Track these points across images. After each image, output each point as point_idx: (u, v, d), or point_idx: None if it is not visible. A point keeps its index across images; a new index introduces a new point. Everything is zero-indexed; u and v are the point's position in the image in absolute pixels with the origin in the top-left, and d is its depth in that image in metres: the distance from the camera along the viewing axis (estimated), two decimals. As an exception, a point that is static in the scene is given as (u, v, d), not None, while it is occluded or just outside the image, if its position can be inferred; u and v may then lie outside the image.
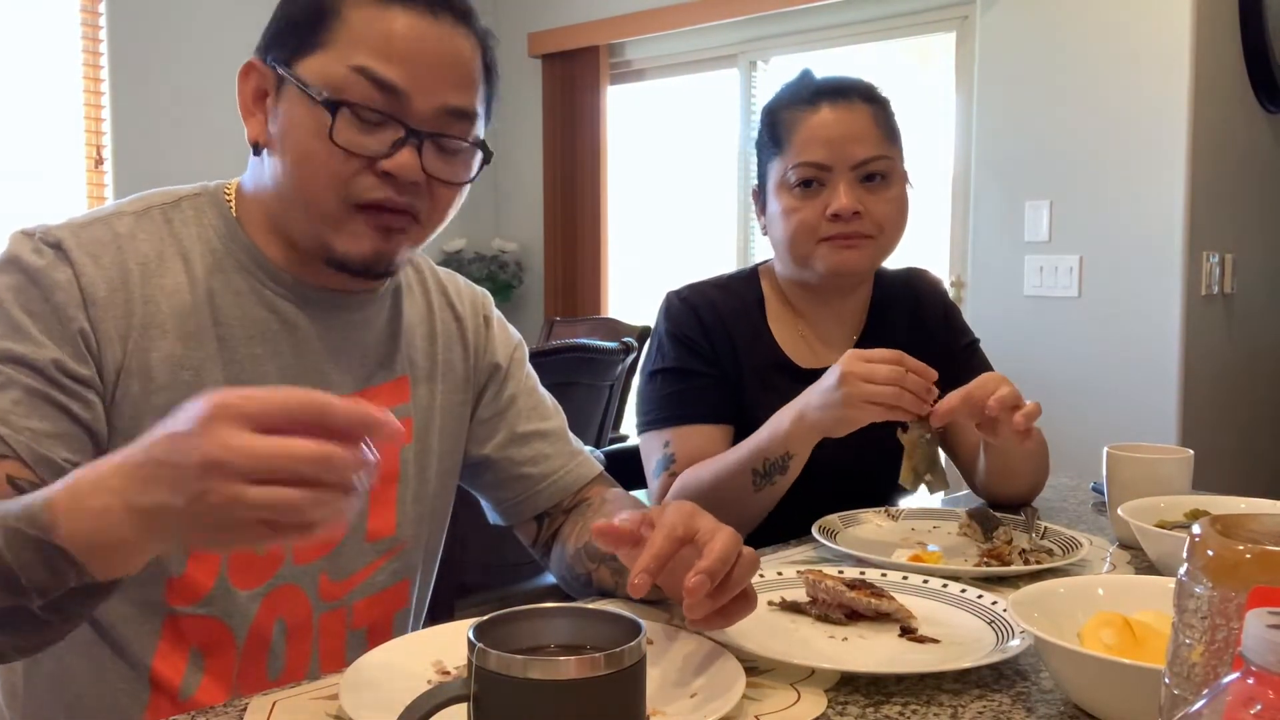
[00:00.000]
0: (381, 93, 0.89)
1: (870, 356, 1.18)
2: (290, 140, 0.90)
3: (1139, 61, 2.95)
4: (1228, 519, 0.57)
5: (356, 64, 0.88)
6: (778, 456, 1.27)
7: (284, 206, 0.94)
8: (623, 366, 2.72)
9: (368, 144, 0.89)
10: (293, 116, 0.90)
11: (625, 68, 4.52)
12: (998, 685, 0.83)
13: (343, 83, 0.88)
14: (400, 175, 0.90)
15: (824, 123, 1.38)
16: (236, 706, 0.77)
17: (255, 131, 0.94)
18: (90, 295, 0.87)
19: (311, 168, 0.90)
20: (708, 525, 0.82)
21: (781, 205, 1.41)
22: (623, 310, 4.47)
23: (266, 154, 0.93)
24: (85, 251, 0.88)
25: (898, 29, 3.71)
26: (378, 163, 0.89)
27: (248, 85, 0.94)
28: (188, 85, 3.95)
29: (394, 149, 0.89)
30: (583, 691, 0.57)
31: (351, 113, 0.88)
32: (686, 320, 1.45)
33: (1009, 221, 3.21)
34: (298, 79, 0.89)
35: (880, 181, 1.39)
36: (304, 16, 0.91)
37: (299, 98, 0.89)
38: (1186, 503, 1.23)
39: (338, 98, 0.88)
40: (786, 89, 1.46)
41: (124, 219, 0.93)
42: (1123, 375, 3.00)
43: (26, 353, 0.83)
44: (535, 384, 1.18)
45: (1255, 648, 0.40)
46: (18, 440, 0.81)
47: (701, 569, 0.77)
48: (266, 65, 0.93)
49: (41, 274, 0.86)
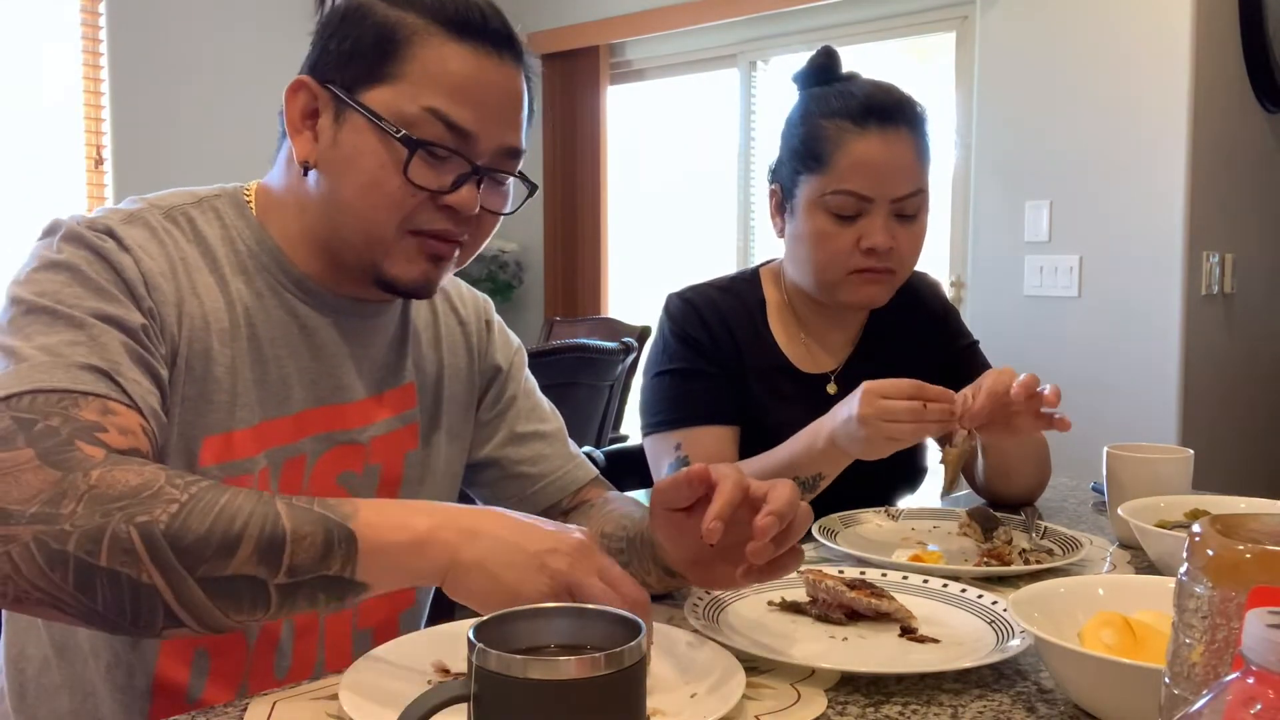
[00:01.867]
0: (452, 133, 0.91)
1: (887, 392, 1.16)
2: (356, 168, 0.92)
3: (1139, 61, 2.95)
4: (1228, 519, 0.57)
5: (430, 105, 0.90)
6: (809, 476, 1.27)
7: (334, 227, 0.95)
8: (623, 367, 2.72)
9: (436, 180, 0.92)
10: (359, 145, 0.91)
11: (625, 68, 4.52)
12: (998, 685, 0.83)
13: (415, 120, 0.90)
14: (462, 210, 0.93)
15: (871, 151, 1.34)
16: (237, 707, 0.77)
17: (305, 150, 0.94)
18: (151, 281, 0.88)
19: (377, 197, 0.92)
20: (759, 481, 0.84)
21: (813, 226, 1.37)
22: (623, 310, 4.47)
23: (316, 173, 0.94)
24: (135, 243, 0.89)
25: (898, 29, 3.71)
26: (440, 196, 0.92)
27: (296, 102, 0.95)
28: (187, 85, 3.95)
29: (457, 184, 0.93)
30: (583, 691, 0.57)
31: (426, 151, 0.91)
32: (691, 320, 1.44)
33: (1009, 221, 3.21)
34: (367, 109, 0.91)
35: (911, 216, 1.37)
36: (370, 46, 0.92)
37: (367, 128, 0.91)
38: (1186, 503, 1.23)
39: (414, 136, 0.90)
40: (835, 95, 1.38)
41: (155, 215, 0.93)
42: (1123, 375, 3.00)
43: (117, 314, 0.84)
44: (534, 388, 1.19)
45: (1255, 647, 0.40)
46: (134, 391, 0.82)
47: (772, 510, 0.79)
48: (321, 87, 0.93)
49: (109, 253, 0.87)
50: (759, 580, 0.87)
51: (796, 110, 1.43)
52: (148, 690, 0.93)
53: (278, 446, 0.95)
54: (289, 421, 0.96)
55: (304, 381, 0.97)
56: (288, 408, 0.96)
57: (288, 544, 0.73)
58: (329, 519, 0.75)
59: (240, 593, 0.73)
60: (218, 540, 0.72)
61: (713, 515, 0.79)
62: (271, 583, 0.73)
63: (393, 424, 1.04)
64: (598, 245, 4.53)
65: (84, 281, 0.84)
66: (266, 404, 0.95)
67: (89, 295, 0.84)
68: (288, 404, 0.96)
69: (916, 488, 1.57)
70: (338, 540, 0.74)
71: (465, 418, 1.12)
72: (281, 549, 0.73)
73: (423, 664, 0.82)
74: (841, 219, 1.36)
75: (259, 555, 0.73)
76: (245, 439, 0.93)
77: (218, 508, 0.73)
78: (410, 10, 0.92)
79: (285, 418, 0.96)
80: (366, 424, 1.02)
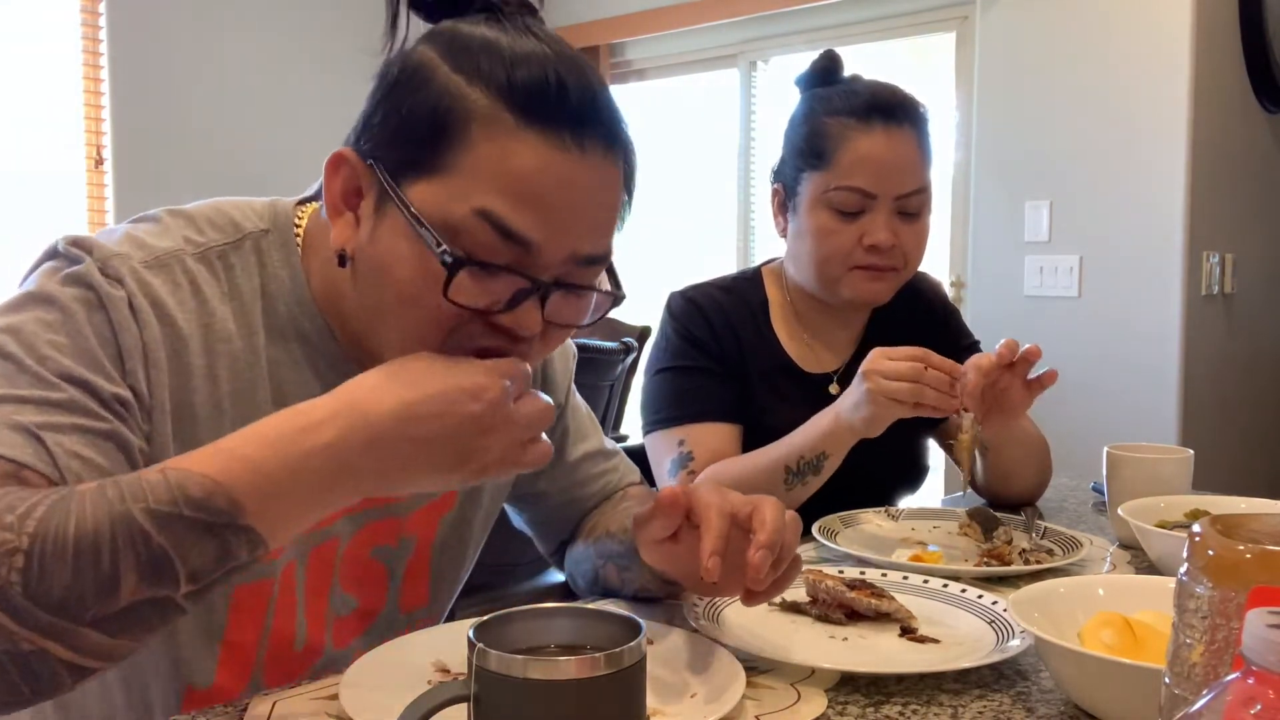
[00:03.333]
0: (506, 242, 0.74)
1: (893, 355, 1.20)
2: (391, 277, 0.76)
3: (1139, 61, 2.95)
4: (1228, 519, 0.57)
5: (481, 206, 0.73)
6: (813, 456, 1.27)
7: (368, 329, 0.81)
8: (623, 366, 2.72)
9: (485, 298, 0.75)
10: (396, 250, 0.75)
11: (625, 68, 4.52)
12: (998, 685, 0.83)
13: (462, 225, 0.73)
14: (519, 332, 0.77)
15: (874, 147, 1.34)
16: (238, 706, 0.77)
17: (344, 237, 0.78)
18: (152, 356, 0.77)
19: (415, 313, 0.76)
20: (740, 499, 0.82)
21: (816, 223, 1.38)
22: (623, 310, 4.43)
23: (353, 265, 0.79)
24: (149, 299, 0.78)
25: (898, 29, 3.71)
26: (493, 315, 0.76)
27: (337, 180, 0.79)
28: (188, 85, 3.94)
29: (513, 303, 0.76)
30: (583, 691, 0.57)
31: (473, 268, 0.74)
32: (693, 319, 1.44)
33: (1009, 221, 3.21)
34: (408, 206, 0.74)
35: (914, 214, 1.38)
36: (425, 124, 0.74)
37: (406, 230, 0.74)
38: (1186, 503, 1.23)
39: (456, 250, 0.73)
40: (838, 94, 1.39)
41: (184, 262, 0.81)
42: (1123, 375, 3.00)
43: (92, 380, 0.73)
44: (578, 401, 1.14)
45: (1255, 647, 0.40)
46: (65, 463, 0.71)
47: (762, 543, 0.77)
48: (365, 164, 0.77)
49: (113, 305, 0.76)
50: (765, 600, 0.86)
51: (799, 110, 1.44)
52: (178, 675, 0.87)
53: (305, 534, 0.84)
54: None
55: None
56: None
57: (174, 560, 0.64)
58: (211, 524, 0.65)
59: (147, 616, 0.64)
60: (91, 584, 0.62)
61: (709, 552, 0.77)
62: (177, 595, 0.65)
63: (432, 495, 0.98)
64: (598, 245, 4.52)
65: (71, 333, 0.74)
66: None
67: (67, 351, 0.73)
68: None
69: (917, 488, 1.57)
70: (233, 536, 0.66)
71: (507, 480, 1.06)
72: (170, 564, 0.64)
73: (423, 664, 0.82)
74: (845, 215, 1.36)
75: (148, 581, 0.63)
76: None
77: (71, 544, 0.62)
78: (478, 84, 0.74)
79: None
80: (404, 498, 0.94)
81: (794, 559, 0.84)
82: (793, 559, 0.83)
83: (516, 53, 0.74)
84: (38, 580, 0.61)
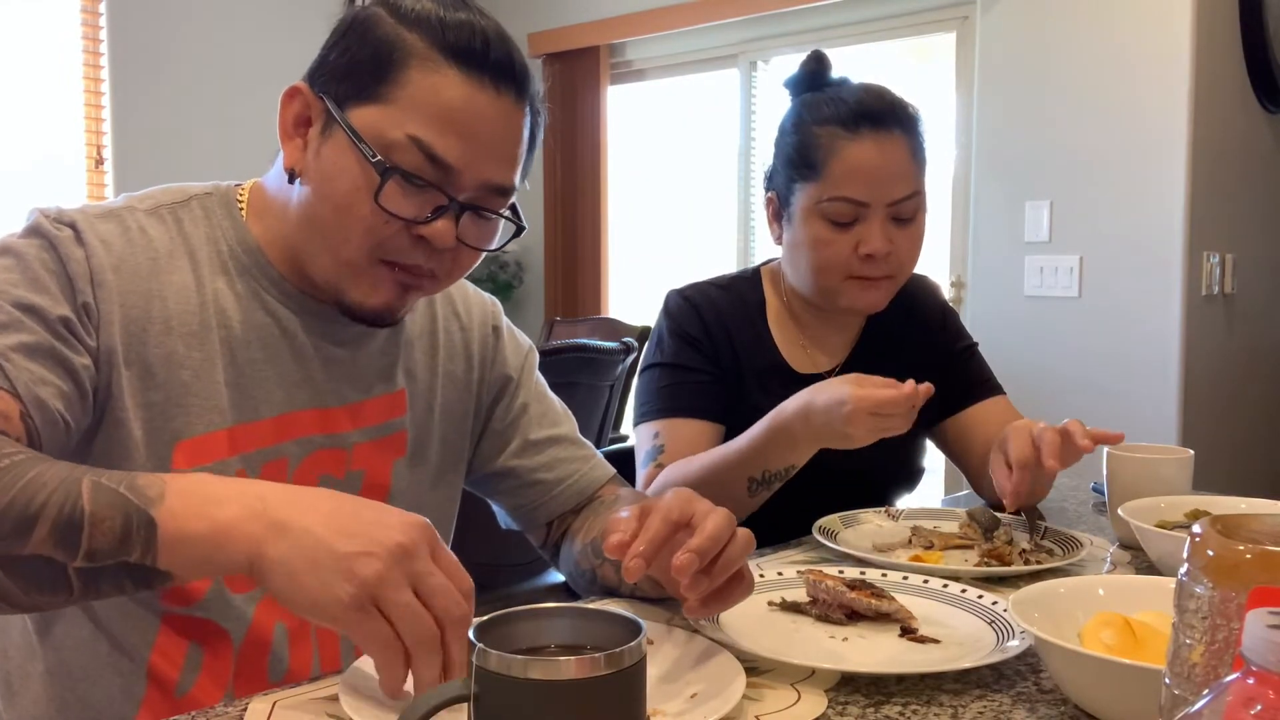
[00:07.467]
0: (432, 165, 0.89)
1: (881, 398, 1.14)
2: (331, 187, 0.90)
3: (1139, 61, 2.95)
4: (1228, 519, 0.57)
5: (413, 133, 0.88)
6: (781, 469, 1.26)
7: (306, 242, 0.94)
8: (623, 366, 2.72)
9: (410, 209, 0.89)
10: (338, 163, 0.89)
11: (625, 68, 4.52)
12: (998, 685, 0.83)
13: (395, 147, 0.88)
14: (436, 243, 0.91)
15: (865, 156, 1.33)
16: (238, 707, 0.77)
17: (293, 158, 0.93)
18: (98, 277, 0.88)
19: (349, 220, 0.90)
20: (704, 508, 0.82)
21: (810, 233, 1.37)
22: (623, 310, 4.47)
23: (299, 183, 0.93)
24: (97, 236, 0.89)
25: (898, 29, 3.71)
26: (415, 226, 0.90)
27: (290, 109, 0.93)
28: (188, 85, 3.95)
29: (433, 216, 0.90)
30: (583, 691, 0.57)
31: (401, 179, 0.88)
32: (688, 318, 1.45)
33: (1009, 222, 3.21)
34: (350, 127, 0.89)
35: (909, 219, 1.37)
36: (366, 60, 0.90)
37: (348, 147, 0.89)
38: (1186, 503, 1.23)
39: (389, 162, 0.88)
40: (826, 101, 1.38)
41: (135, 214, 0.93)
42: (1123, 375, 3.00)
43: (40, 304, 0.84)
44: (545, 390, 1.18)
45: (1255, 648, 0.40)
46: (17, 376, 0.81)
47: (691, 547, 0.78)
48: (315, 95, 0.92)
49: (60, 243, 0.87)
50: (713, 611, 0.86)
51: (788, 118, 1.43)
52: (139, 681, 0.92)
53: (256, 450, 0.94)
54: (268, 425, 0.95)
55: (284, 385, 0.96)
56: (266, 410, 0.95)
57: (85, 526, 0.71)
58: (130, 502, 0.72)
59: (40, 574, 0.72)
60: (15, 517, 0.71)
61: (632, 553, 0.78)
62: (71, 566, 0.72)
63: (379, 431, 1.03)
64: (598, 245, 4.53)
65: (24, 270, 0.85)
66: (241, 407, 0.94)
67: (20, 284, 0.84)
68: (266, 407, 0.95)
69: (913, 487, 1.57)
70: (136, 526, 0.72)
71: (462, 427, 1.11)
72: (79, 531, 0.71)
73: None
74: (838, 225, 1.35)
75: (55, 537, 0.71)
76: (218, 442, 0.92)
77: (22, 482, 0.71)
78: (415, 30, 0.89)
79: (263, 421, 0.95)
80: (350, 429, 1.00)
81: (740, 575, 0.84)
82: (739, 575, 0.84)
83: (449, 14, 0.90)
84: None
